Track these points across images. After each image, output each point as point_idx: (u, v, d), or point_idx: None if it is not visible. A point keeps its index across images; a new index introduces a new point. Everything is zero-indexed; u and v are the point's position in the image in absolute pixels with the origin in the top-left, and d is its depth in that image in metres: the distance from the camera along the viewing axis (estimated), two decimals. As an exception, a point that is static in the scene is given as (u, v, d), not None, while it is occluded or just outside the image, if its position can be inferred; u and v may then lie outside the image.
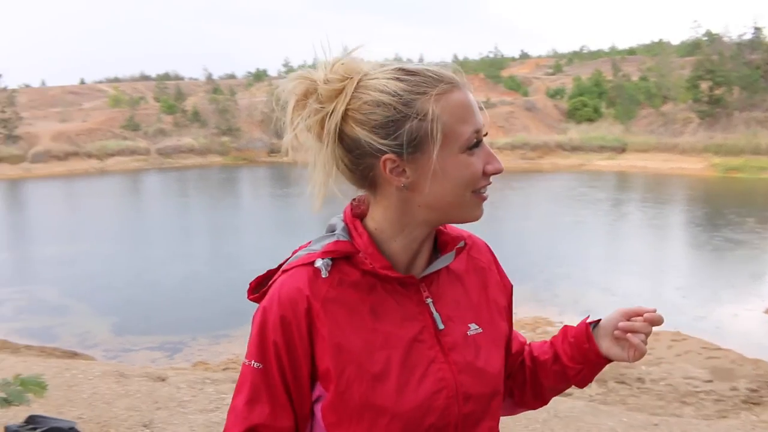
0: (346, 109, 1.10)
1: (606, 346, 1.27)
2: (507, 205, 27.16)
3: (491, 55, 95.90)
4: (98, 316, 12.42)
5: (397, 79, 1.10)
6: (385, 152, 1.09)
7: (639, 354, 1.23)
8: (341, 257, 1.15)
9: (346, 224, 1.19)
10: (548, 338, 1.37)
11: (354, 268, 1.15)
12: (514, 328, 1.38)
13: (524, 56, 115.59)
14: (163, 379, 5.76)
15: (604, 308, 1.31)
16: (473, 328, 1.22)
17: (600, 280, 14.11)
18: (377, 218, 1.17)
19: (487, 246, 1.36)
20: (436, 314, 1.18)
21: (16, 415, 4.43)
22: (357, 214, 1.19)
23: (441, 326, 1.17)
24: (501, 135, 47.82)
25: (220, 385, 5.59)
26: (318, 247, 1.17)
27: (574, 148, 45.88)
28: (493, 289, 1.30)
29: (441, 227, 1.23)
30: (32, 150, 49.15)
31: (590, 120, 52.02)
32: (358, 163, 1.13)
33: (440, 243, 1.23)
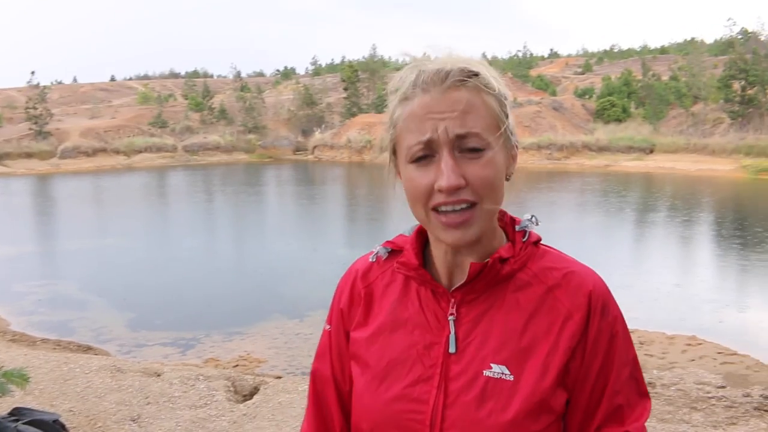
0: None
1: None
2: (528, 206, 26.91)
3: (520, 54, 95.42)
4: (115, 311, 12.51)
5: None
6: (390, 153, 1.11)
7: None
8: (400, 249, 1.18)
9: None
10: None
11: None
12: None
13: (554, 55, 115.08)
14: (159, 375, 5.77)
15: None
16: (497, 370, 1.04)
17: (619, 281, 13.84)
18: None
19: (592, 294, 1.08)
20: (452, 334, 1.07)
21: (1, 406, 4.48)
22: None
23: (452, 349, 1.07)
24: (527, 135, 47.39)
25: (212, 381, 5.59)
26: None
27: (601, 149, 45.21)
28: (559, 343, 1.05)
29: (509, 245, 1.14)
30: (61, 146, 50.08)
31: (618, 120, 51.32)
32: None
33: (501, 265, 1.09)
